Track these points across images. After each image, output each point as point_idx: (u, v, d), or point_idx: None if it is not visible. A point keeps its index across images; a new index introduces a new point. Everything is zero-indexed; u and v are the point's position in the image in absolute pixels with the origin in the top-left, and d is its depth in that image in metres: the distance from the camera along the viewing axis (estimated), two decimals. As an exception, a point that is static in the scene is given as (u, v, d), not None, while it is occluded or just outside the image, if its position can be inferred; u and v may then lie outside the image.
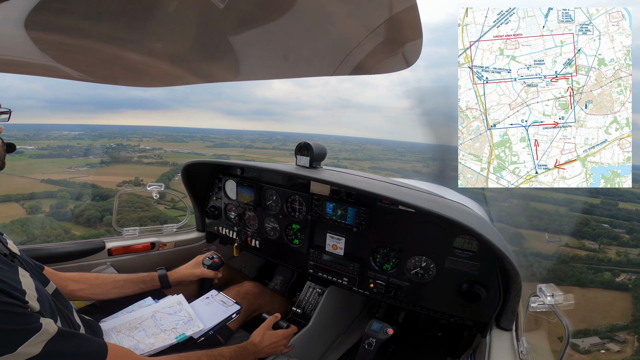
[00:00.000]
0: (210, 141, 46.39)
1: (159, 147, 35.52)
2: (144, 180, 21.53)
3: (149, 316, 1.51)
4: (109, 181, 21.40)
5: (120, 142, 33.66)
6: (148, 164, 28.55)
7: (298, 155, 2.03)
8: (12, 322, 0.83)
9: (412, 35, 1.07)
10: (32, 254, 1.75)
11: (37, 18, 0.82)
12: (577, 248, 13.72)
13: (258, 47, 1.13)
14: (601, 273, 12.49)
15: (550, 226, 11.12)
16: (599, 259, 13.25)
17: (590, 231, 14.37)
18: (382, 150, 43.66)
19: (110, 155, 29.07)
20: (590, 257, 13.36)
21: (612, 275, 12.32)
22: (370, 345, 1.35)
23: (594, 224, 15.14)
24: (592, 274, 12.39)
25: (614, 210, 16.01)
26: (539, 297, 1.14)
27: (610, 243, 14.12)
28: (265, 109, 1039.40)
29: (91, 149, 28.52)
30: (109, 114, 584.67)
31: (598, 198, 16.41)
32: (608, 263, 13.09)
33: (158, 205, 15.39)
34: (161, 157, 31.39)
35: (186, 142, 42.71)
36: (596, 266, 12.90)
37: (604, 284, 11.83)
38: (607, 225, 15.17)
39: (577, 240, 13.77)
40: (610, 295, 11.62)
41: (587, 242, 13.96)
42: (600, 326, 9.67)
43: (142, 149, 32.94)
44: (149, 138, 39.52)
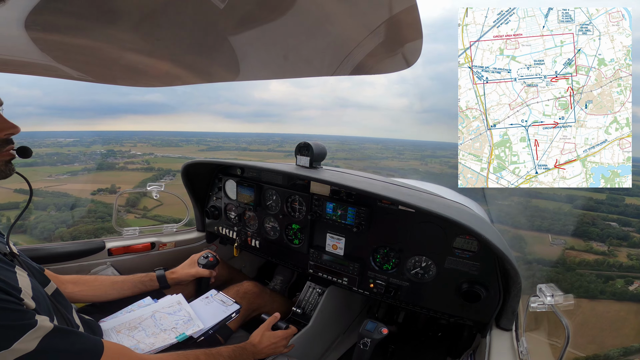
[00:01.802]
0: (205, 144, 46.35)
1: (150, 152, 35.45)
2: (120, 188, 21.52)
3: (148, 316, 1.52)
4: (85, 189, 21.20)
5: (111, 148, 33.61)
6: (133, 170, 28.45)
7: (298, 155, 2.03)
8: (7, 318, 0.83)
9: (412, 35, 1.06)
10: (32, 254, 1.75)
11: (37, 18, 0.82)
12: (584, 251, 12.49)
13: (258, 47, 1.13)
14: (613, 281, 11.14)
15: (554, 227, 10.34)
16: (609, 264, 11.98)
17: (597, 231, 13.22)
18: (381, 149, 43.50)
19: (96, 162, 28.80)
20: (599, 262, 12.07)
21: (625, 283, 11.05)
22: (365, 345, 1.35)
23: (601, 222, 13.97)
24: (602, 282, 11.01)
25: (621, 206, 14.87)
26: (539, 297, 1.14)
27: (620, 244, 12.96)
28: (264, 110, 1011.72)
29: (78, 156, 28.45)
30: (109, 120, 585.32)
31: (603, 193, 15.27)
32: (620, 268, 11.82)
33: (127, 215, 15.27)
34: (149, 162, 31.33)
35: (180, 147, 42.69)
36: (607, 272, 11.52)
37: (615, 295, 10.51)
38: (616, 224, 13.97)
39: (583, 241, 12.66)
40: (624, 308, 10.23)
41: (595, 244, 12.77)
42: (612, 350, 8.31)
43: (132, 154, 32.91)
44: (143, 143, 39.49)
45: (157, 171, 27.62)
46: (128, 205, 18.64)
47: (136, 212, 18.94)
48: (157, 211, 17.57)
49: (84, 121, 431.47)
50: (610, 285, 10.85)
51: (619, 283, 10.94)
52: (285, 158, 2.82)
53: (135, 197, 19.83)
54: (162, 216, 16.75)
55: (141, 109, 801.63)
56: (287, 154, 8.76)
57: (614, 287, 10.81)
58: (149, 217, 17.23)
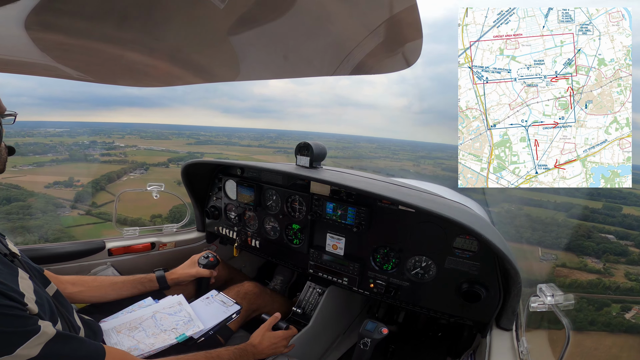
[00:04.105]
0: (195, 138, 45.74)
1: (133, 144, 34.70)
2: (80, 181, 20.69)
3: (149, 316, 1.52)
4: (42, 182, 19.97)
5: (96, 139, 32.88)
6: (104, 162, 27.52)
7: (298, 155, 2.03)
8: (10, 324, 0.83)
9: (412, 35, 1.07)
10: (32, 254, 1.75)
11: (37, 18, 0.82)
12: (576, 269, 10.73)
13: (258, 47, 1.13)
14: (608, 307, 9.01)
15: (545, 239, 8.88)
16: (604, 286, 10.08)
17: (593, 245, 11.52)
18: (375, 149, 43.08)
19: (70, 152, 27.66)
20: (593, 284, 10.14)
21: (621, 309, 9.03)
22: (365, 345, 1.35)
23: (597, 235, 12.30)
24: (594, 310, 8.87)
25: (618, 217, 13.40)
26: (539, 297, 1.14)
27: (617, 260, 11.29)
28: (263, 106, 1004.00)
29: (56, 147, 27.47)
30: (105, 112, 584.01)
31: (599, 201, 13.93)
32: (616, 291, 9.92)
33: (71, 211, 14.76)
34: (126, 155, 30.40)
35: (170, 140, 42.12)
36: (601, 296, 9.44)
37: (609, 326, 8.37)
38: (612, 237, 12.38)
39: (577, 257, 11.04)
40: (617, 342, 8.04)
41: (590, 260, 11.04)
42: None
43: (114, 146, 31.86)
44: (133, 135, 38.80)
45: (130, 164, 26.89)
46: (77, 200, 17.81)
47: (83, 207, 17.44)
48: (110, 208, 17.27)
49: (80, 112, 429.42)
50: (604, 314, 8.83)
51: (615, 309, 9.04)
52: (274, 155, 2.75)
53: (86, 191, 18.96)
54: (107, 213, 15.37)
55: (139, 102, 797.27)
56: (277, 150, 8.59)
57: (608, 315, 8.84)
58: (93, 215, 16.12)
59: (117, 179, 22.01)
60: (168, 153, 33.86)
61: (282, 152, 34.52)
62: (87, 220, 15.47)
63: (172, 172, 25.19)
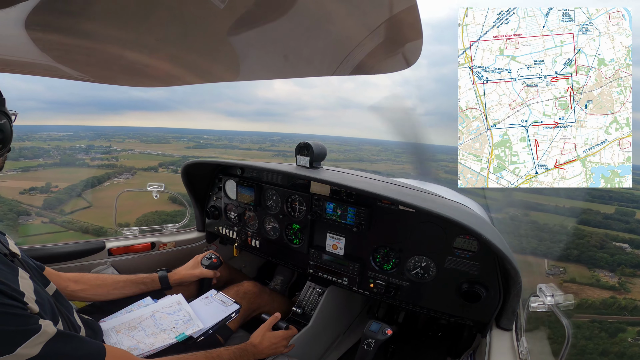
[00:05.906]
0: (196, 142, 45.60)
1: (129, 148, 34.42)
2: (58, 187, 20.06)
3: (148, 316, 1.52)
4: (19, 187, 19.20)
5: (93, 143, 32.65)
6: (93, 166, 27.18)
7: (298, 155, 2.03)
8: (11, 323, 0.83)
9: (412, 35, 1.07)
10: (32, 253, 1.75)
11: (37, 18, 0.82)
12: (587, 285, 9.25)
13: (258, 47, 1.13)
14: (623, 333, 7.45)
15: (553, 250, 7.68)
16: (620, 306, 8.44)
17: (606, 257, 10.11)
18: (379, 151, 42.90)
19: (62, 157, 27.27)
20: (607, 304, 8.61)
21: (638, 334, 7.48)
22: (369, 346, 1.35)
23: (610, 245, 10.83)
24: (607, 337, 7.43)
25: (632, 223, 11.98)
26: (539, 297, 1.14)
27: (634, 274, 9.71)
28: (267, 109, 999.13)
29: (51, 151, 27.07)
30: (111, 116, 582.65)
31: (612, 205, 12.51)
32: (633, 311, 8.26)
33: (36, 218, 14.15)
34: (118, 159, 30.12)
35: (170, 143, 41.99)
36: (615, 319, 7.69)
37: (623, 357, 6.95)
38: (627, 246, 10.83)
39: (588, 270, 9.66)
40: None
41: (603, 274, 9.55)
42: None
43: (110, 150, 31.62)
44: (133, 139, 38.61)
45: (119, 168, 26.62)
46: (46, 207, 16.95)
47: (49, 215, 16.13)
48: (81, 216, 15.48)
49: (86, 116, 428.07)
50: (618, 342, 7.26)
51: (630, 334, 7.47)
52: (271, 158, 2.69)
53: (58, 197, 18.11)
54: (72, 222, 14.83)
55: (145, 105, 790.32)
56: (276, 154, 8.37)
57: (623, 344, 7.26)
58: (56, 223, 15.03)
59: (97, 184, 21.14)
60: (162, 157, 33.69)
61: (280, 155, 34.34)
62: (48, 229, 14.60)
63: (159, 177, 24.92)
